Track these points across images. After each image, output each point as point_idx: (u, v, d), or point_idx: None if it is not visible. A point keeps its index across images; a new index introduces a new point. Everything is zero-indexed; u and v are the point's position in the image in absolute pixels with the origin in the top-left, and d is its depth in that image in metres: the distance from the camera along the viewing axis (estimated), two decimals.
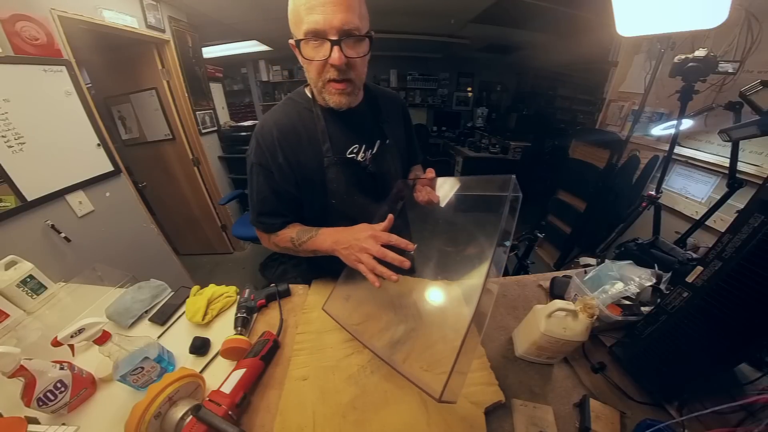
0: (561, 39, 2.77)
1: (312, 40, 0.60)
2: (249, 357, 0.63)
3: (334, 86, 0.66)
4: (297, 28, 0.61)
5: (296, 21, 0.60)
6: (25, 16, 1.21)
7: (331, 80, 0.65)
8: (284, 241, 0.78)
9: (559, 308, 0.60)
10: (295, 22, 0.61)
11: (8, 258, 0.87)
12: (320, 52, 0.61)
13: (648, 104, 1.83)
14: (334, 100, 0.68)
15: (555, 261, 2.47)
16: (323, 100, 0.71)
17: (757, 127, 0.97)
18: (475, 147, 3.83)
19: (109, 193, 1.62)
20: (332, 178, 0.77)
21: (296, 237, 0.75)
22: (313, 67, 0.64)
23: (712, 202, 1.43)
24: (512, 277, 0.98)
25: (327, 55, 0.60)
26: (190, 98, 2.33)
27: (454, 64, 4.58)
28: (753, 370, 0.60)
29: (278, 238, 0.80)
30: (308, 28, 0.58)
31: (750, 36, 1.40)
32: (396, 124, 0.88)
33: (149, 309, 0.85)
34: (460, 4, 2.40)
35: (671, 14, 1.06)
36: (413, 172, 1.00)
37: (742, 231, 0.47)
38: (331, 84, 0.66)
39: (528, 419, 0.55)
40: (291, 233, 0.77)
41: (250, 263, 2.83)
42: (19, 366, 0.52)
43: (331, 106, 0.70)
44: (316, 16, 0.56)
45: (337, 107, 0.69)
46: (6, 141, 1.17)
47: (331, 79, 0.65)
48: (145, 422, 0.47)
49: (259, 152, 0.73)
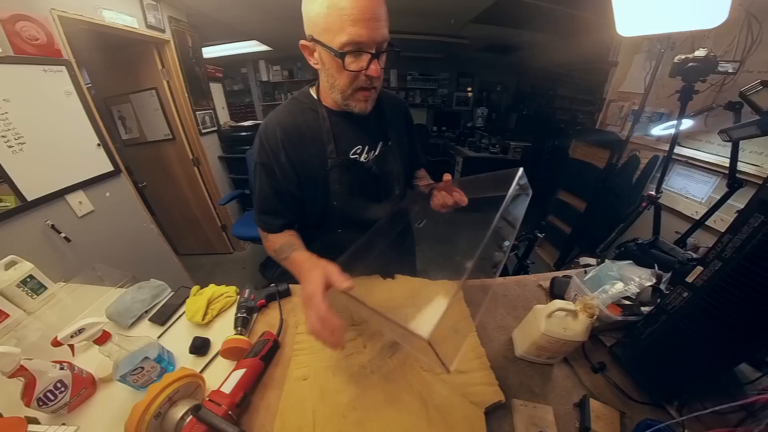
0: (561, 39, 2.77)
1: (351, 51, 0.59)
2: (249, 357, 0.63)
3: (363, 94, 0.68)
4: (332, 35, 0.59)
5: (332, 28, 0.58)
6: (25, 16, 1.21)
7: (362, 89, 0.67)
8: (271, 247, 0.78)
9: (559, 308, 0.60)
10: (329, 28, 0.58)
11: (8, 258, 0.87)
12: (358, 63, 0.62)
13: (648, 104, 1.83)
14: (360, 106, 0.70)
15: (555, 261, 2.47)
16: (346, 106, 0.71)
17: (757, 127, 0.97)
18: (475, 147, 3.82)
19: (109, 193, 1.62)
20: (335, 179, 0.77)
21: (278, 249, 0.75)
22: (345, 75, 0.64)
23: (712, 202, 1.43)
24: (512, 277, 0.98)
25: (364, 66, 0.61)
26: (190, 98, 2.33)
27: (454, 64, 4.58)
28: (753, 370, 0.60)
29: (268, 243, 0.80)
30: (351, 39, 0.57)
31: (750, 36, 1.40)
32: (398, 126, 0.89)
33: (149, 309, 0.85)
34: (460, 4, 2.40)
35: (671, 14, 1.06)
36: (422, 180, 0.98)
37: (742, 231, 0.47)
38: (361, 92, 0.68)
39: (528, 419, 0.55)
40: (276, 244, 0.76)
41: (250, 263, 2.83)
42: (19, 366, 0.52)
43: (354, 111, 0.71)
44: (361, 30, 0.57)
45: (361, 112, 0.72)
46: (6, 141, 1.17)
47: (362, 88, 0.67)
48: (145, 422, 0.47)
49: (263, 152, 0.74)
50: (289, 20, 0.70)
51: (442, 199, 0.72)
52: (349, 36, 0.57)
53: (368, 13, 0.56)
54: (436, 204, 0.75)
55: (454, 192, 0.71)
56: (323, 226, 0.86)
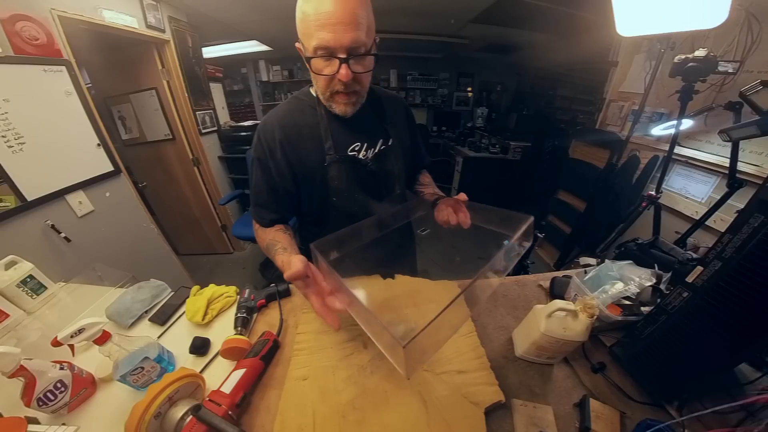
0: (561, 39, 2.77)
1: (321, 56, 0.61)
2: (249, 357, 0.63)
3: (341, 97, 0.69)
4: (306, 40, 0.61)
5: (306, 33, 0.61)
6: (25, 16, 1.21)
7: (339, 92, 0.68)
8: (261, 243, 0.79)
9: (559, 308, 0.60)
10: (304, 33, 0.61)
11: (8, 258, 0.87)
12: (329, 68, 0.62)
13: (648, 104, 1.83)
14: (340, 109, 0.71)
15: (555, 261, 2.47)
16: (329, 107, 0.73)
17: (757, 127, 0.97)
18: (475, 147, 3.82)
19: (109, 193, 1.62)
20: (333, 176, 0.77)
21: (266, 247, 0.76)
22: (321, 79, 0.66)
23: (712, 202, 1.43)
24: (512, 277, 0.97)
25: (335, 70, 0.62)
26: (190, 98, 2.33)
27: (454, 64, 4.58)
28: (753, 370, 0.60)
29: (259, 239, 0.81)
30: (318, 44, 0.59)
31: (750, 36, 1.40)
32: (400, 126, 0.89)
33: (149, 309, 0.85)
34: (460, 4, 2.40)
35: (671, 14, 1.06)
36: (427, 186, 0.97)
37: (742, 231, 0.47)
38: (338, 95, 0.69)
39: (528, 419, 0.55)
40: (264, 240, 0.77)
41: (250, 263, 2.83)
42: (19, 366, 0.52)
43: (337, 113, 0.72)
44: (326, 35, 0.57)
45: (342, 115, 0.72)
46: (6, 141, 1.17)
47: (338, 92, 0.67)
48: (145, 422, 0.47)
49: (259, 148, 0.76)
50: (289, 20, 0.70)
51: (446, 216, 0.70)
52: (317, 41, 0.58)
53: (335, 17, 0.56)
54: (439, 218, 0.73)
55: (460, 213, 0.68)
56: (322, 222, 0.86)
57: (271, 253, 0.74)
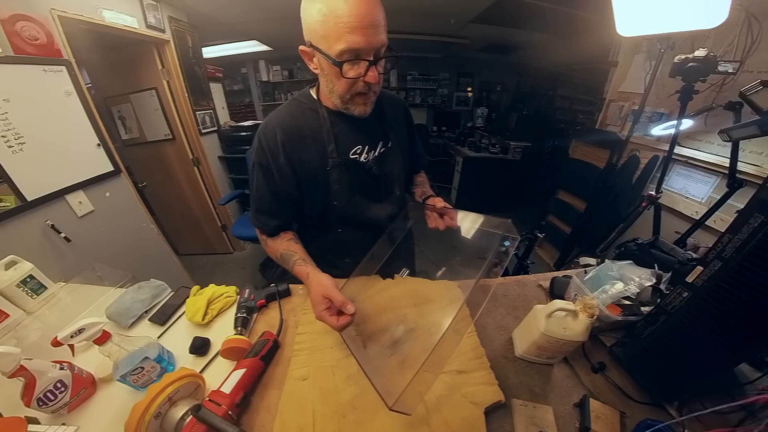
0: (561, 39, 2.77)
1: (349, 59, 0.60)
2: (249, 357, 0.63)
3: (362, 98, 0.69)
4: (329, 43, 0.58)
5: (329, 36, 0.57)
6: (25, 16, 1.21)
7: (360, 93, 0.68)
8: (272, 254, 0.81)
9: (559, 308, 0.60)
10: (326, 35, 0.58)
11: (8, 258, 0.87)
12: (353, 70, 0.62)
13: (648, 104, 1.83)
14: (359, 109, 0.71)
15: (555, 261, 2.47)
16: (346, 109, 0.72)
17: (757, 127, 0.97)
18: (475, 147, 3.82)
19: (109, 193, 1.62)
20: (336, 179, 0.77)
21: (281, 258, 0.78)
22: (343, 82, 0.64)
23: (712, 202, 1.43)
24: (512, 277, 0.98)
25: (361, 73, 0.61)
26: (190, 98, 2.33)
27: (454, 64, 4.58)
28: (753, 370, 0.60)
29: (269, 249, 0.82)
30: (348, 47, 0.57)
31: (750, 36, 1.40)
32: (399, 127, 0.89)
33: (149, 309, 0.85)
34: (460, 4, 2.40)
35: (671, 14, 1.06)
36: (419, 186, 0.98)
37: (742, 231, 0.47)
38: (359, 97, 0.69)
39: (528, 419, 0.55)
40: (277, 251, 0.79)
41: (250, 263, 2.83)
42: (19, 366, 0.52)
43: (354, 114, 0.72)
44: (358, 38, 0.56)
45: (361, 115, 0.72)
46: (6, 141, 1.17)
47: (360, 93, 0.68)
48: (145, 422, 0.47)
49: (261, 152, 0.74)
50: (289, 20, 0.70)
51: (434, 223, 0.75)
52: (347, 44, 0.57)
53: (366, 20, 0.55)
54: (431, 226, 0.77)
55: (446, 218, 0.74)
56: (323, 225, 0.86)
57: (288, 264, 0.75)
